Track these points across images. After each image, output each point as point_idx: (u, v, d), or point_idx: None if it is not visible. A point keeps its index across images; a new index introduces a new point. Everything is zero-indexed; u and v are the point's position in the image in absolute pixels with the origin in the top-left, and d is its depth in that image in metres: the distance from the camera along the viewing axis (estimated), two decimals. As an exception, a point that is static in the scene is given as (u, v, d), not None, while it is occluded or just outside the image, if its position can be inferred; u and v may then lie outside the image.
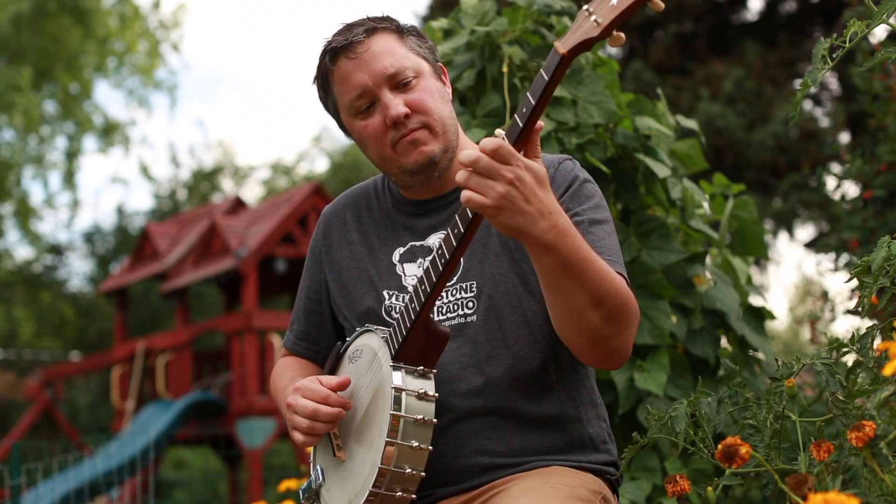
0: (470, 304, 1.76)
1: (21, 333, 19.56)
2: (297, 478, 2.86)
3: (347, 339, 1.83)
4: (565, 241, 1.51)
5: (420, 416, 1.60)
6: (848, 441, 1.50)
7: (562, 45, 1.42)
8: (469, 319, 1.75)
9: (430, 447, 1.60)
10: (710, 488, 1.70)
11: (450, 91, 1.85)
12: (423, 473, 1.60)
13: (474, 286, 1.77)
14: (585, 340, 1.62)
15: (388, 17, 1.83)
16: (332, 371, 1.83)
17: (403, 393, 1.60)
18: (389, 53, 1.75)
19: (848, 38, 1.73)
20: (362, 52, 1.75)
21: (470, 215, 1.53)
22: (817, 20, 14.01)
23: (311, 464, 1.84)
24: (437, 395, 1.63)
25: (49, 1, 18.10)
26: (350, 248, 1.89)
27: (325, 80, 1.81)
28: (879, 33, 5.29)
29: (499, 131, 1.52)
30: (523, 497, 1.59)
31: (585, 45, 1.41)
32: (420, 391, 1.61)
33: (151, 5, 21.06)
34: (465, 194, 1.47)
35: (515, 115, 1.49)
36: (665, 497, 2.53)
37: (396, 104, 1.73)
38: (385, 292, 1.82)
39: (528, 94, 1.47)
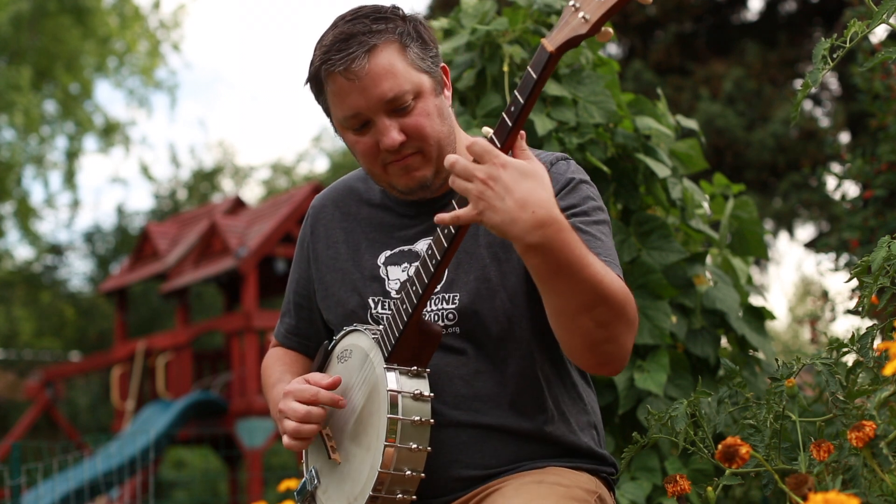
0: (450, 316, 1.72)
1: (21, 333, 19.55)
2: (296, 478, 2.85)
3: (335, 337, 1.80)
4: (553, 242, 1.43)
5: (417, 418, 1.59)
6: (848, 441, 1.50)
7: (550, 43, 1.39)
8: (451, 331, 1.72)
9: (429, 448, 1.59)
10: (710, 488, 1.70)
11: (449, 94, 1.78)
12: (422, 475, 1.59)
13: (457, 298, 1.72)
14: (578, 343, 1.55)
15: (392, 13, 1.70)
16: (321, 370, 1.81)
17: (399, 395, 1.59)
18: (389, 75, 1.64)
19: (848, 38, 1.73)
20: (362, 75, 1.63)
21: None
22: (817, 20, 14.02)
23: (304, 465, 1.82)
24: (432, 394, 1.61)
25: (49, 1, 18.09)
26: (334, 248, 1.85)
27: (319, 87, 1.72)
28: (880, 33, 5.28)
29: (486, 130, 1.49)
30: (517, 497, 1.58)
31: (573, 42, 1.37)
32: (416, 392, 1.60)
33: (152, 5, 21.07)
34: (448, 217, 1.45)
35: (504, 114, 1.45)
36: (665, 497, 2.53)
37: (392, 133, 1.65)
38: (371, 300, 1.78)
39: (516, 92, 1.43)
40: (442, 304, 1.72)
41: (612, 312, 1.52)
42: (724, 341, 2.98)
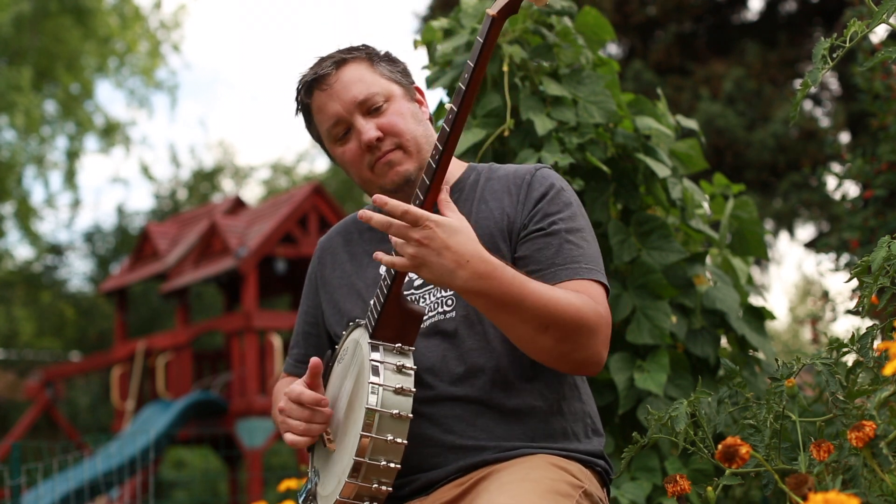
0: (449, 302, 1.82)
1: (21, 333, 19.54)
2: (297, 478, 2.86)
3: (336, 346, 1.90)
4: (490, 285, 1.60)
5: (399, 385, 1.65)
6: (848, 441, 1.50)
7: (492, 9, 1.58)
8: (448, 316, 1.82)
9: (411, 415, 1.65)
10: (710, 488, 1.70)
11: (426, 109, 1.94)
12: (405, 442, 1.64)
13: None
14: (546, 358, 1.70)
15: (362, 45, 1.93)
16: (325, 376, 1.89)
17: (381, 365, 1.66)
18: (359, 81, 1.86)
19: (848, 38, 1.73)
20: (333, 82, 1.86)
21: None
22: (817, 20, 14.01)
23: (310, 470, 1.89)
24: (415, 367, 1.69)
25: (50, 1, 18.08)
26: (340, 268, 1.98)
27: (306, 112, 1.94)
28: (880, 32, 5.29)
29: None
30: (501, 494, 1.61)
31: (513, 6, 1.57)
32: (399, 364, 1.67)
33: (152, 6, 21.07)
34: (386, 258, 1.61)
35: (459, 82, 1.61)
36: (665, 497, 2.53)
37: (368, 129, 1.83)
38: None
39: (468, 60, 1.60)
40: (440, 292, 1.84)
41: (567, 329, 1.66)
42: (724, 341, 2.98)
